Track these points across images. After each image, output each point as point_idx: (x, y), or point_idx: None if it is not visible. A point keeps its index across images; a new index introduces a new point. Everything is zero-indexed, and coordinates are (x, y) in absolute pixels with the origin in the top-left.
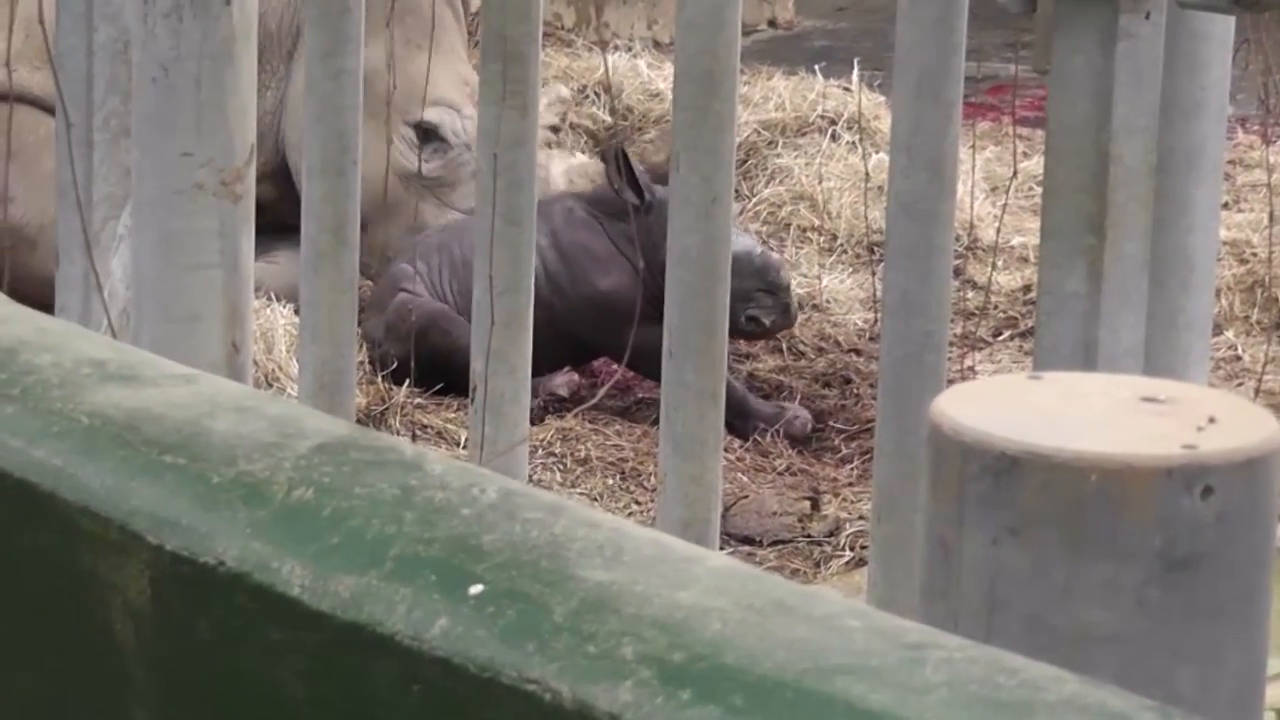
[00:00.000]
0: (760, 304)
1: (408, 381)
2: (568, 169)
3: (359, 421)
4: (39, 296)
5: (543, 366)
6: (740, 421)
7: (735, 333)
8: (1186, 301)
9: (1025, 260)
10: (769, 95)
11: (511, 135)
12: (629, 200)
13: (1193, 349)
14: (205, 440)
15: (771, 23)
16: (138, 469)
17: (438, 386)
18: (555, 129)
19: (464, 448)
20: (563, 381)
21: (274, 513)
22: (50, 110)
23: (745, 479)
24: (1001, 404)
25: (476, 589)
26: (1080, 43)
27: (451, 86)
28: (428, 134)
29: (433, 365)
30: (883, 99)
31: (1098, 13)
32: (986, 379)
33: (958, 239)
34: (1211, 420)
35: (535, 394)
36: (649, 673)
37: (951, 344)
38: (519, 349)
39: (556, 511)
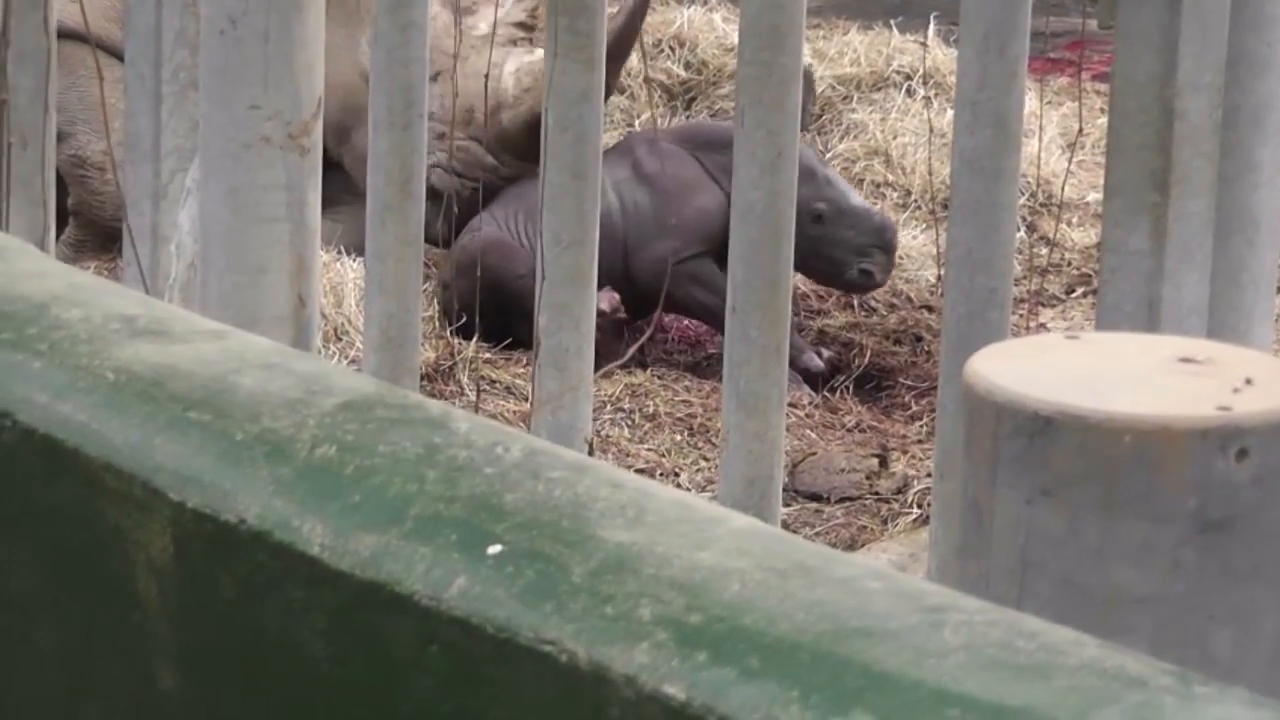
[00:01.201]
0: (874, 259)
1: (475, 336)
2: (518, 67)
3: (426, 377)
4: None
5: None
6: None
7: (842, 283)
8: (1251, 259)
9: (1099, 217)
10: (844, 50)
11: (577, 89)
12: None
13: (1257, 307)
14: (230, 397)
15: None
16: (162, 425)
17: (506, 341)
18: (524, 25)
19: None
20: (603, 295)
21: (296, 470)
22: (94, 44)
23: (814, 435)
24: (1037, 364)
25: (495, 549)
26: None
27: None
28: None
29: (495, 295)
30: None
31: None
32: (1022, 338)
33: (1032, 195)
34: (1249, 381)
35: None
36: (665, 634)
37: (1024, 300)
38: (583, 303)
39: (581, 471)
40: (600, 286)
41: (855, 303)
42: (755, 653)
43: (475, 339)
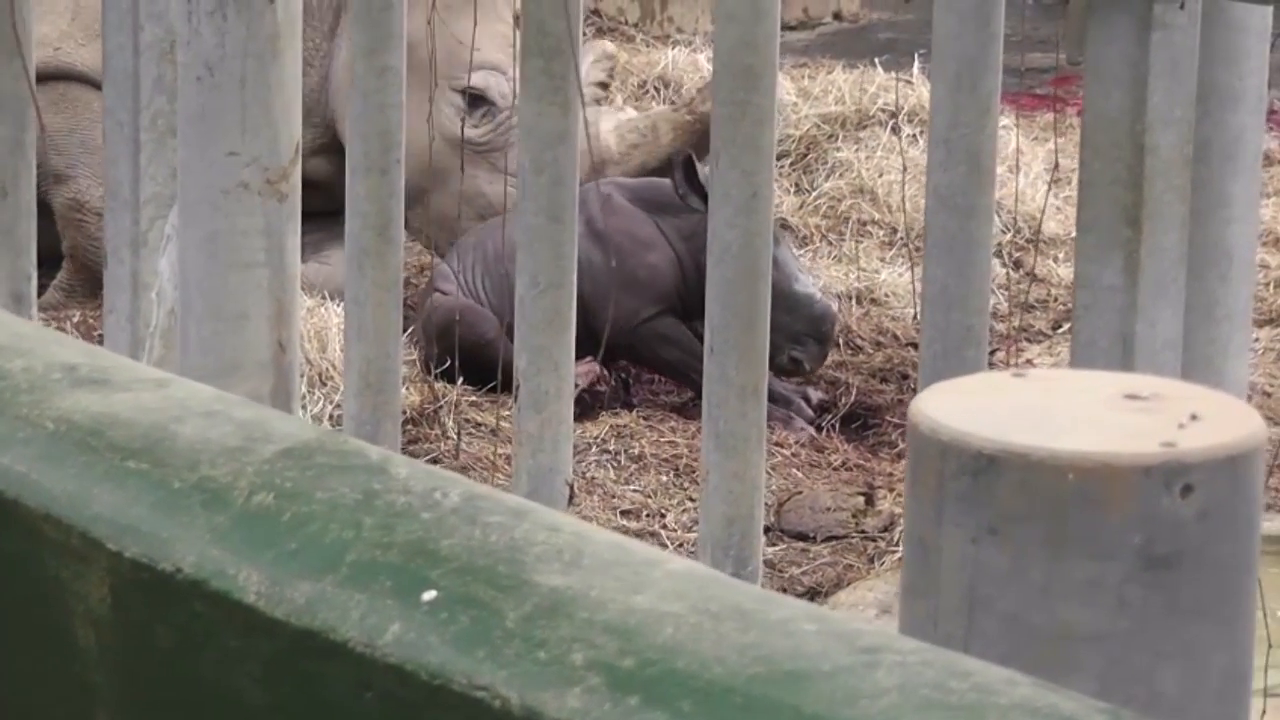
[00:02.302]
0: (806, 349)
1: (460, 380)
2: (617, 125)
3: (411, 420)
4: None
5: None
6: None
7: (771, 366)
8: (1225, 294)
9: None
10: (829, 89)
11: (553, 132)
12: (694, 207)
13: (1231, 341)
14: (169, 445)
15: (837, 15)
16: (100, 475)
17: (491, 384)
18: (603, 85)
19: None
20: (582, 371)
21: (233, 518)
22: (100, 86)
23: (800, 474)
24: (982, 402)
25: (430, 595)
26: (1115, 33)
27: (495, 48)
28: (475, 99)
29: (462, 361)
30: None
31: (1132, 3)
32: (969, 376)
33: (1018, 231)
34: (1194, 417)
35: None
36: (598, 679)
37: (1010, 337)
38: (562, 346)
39: (519, 515)
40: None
41: (841, 341)
42: (687, 696)
43: (459, 383)
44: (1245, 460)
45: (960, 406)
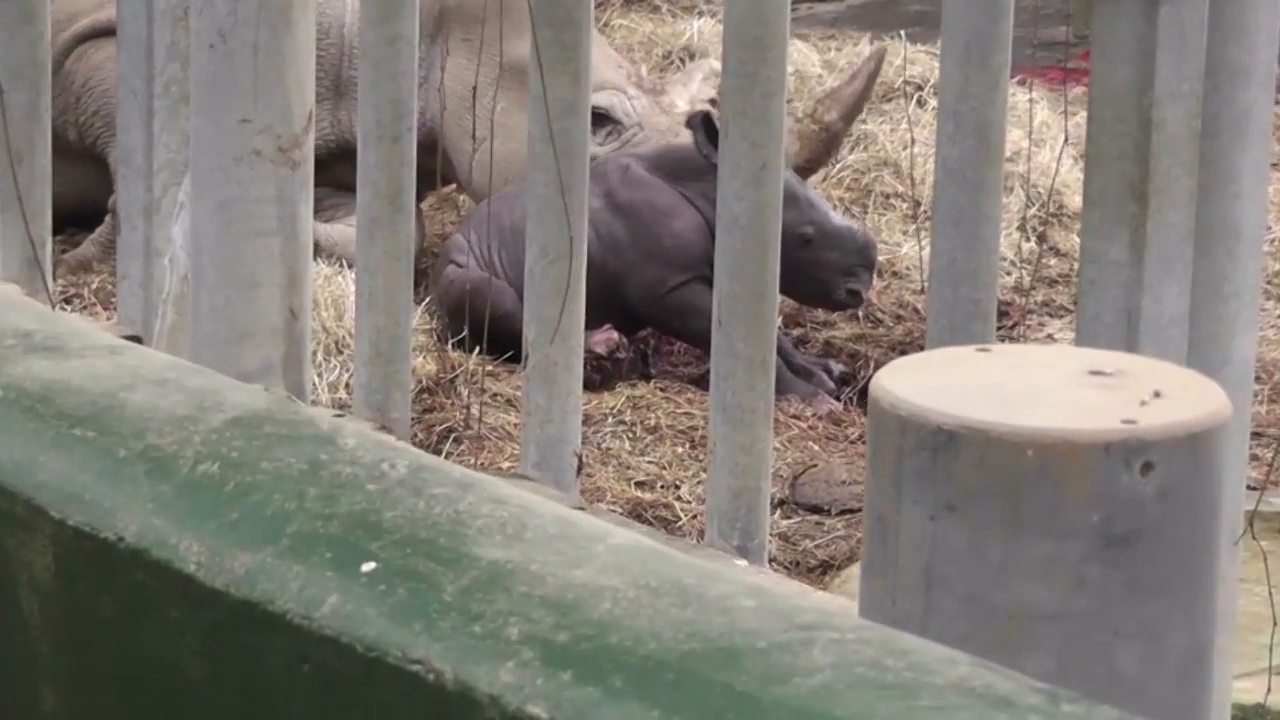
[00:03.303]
0: (860, 279)
1: (477, 349)
2: None
3: (426, 390)
4: None
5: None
6: (777, 396)
7: (830, 303)
8: (1233, 269)
9: None
10: (854, 61)
11: (563, 102)
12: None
13: (1239, 317)
14: (118, 413)
15: None
16: (47, 442)
17: (508, 354)
18: (713, 102)
19: None
20: (601, 339)
21: (177, 487)
22: None
23: (816, 447)
24: (944, 377)
25: (369, 566)
26: (1122, 7)
27: (610, 69)
28: (600, 118)
29: (478, 334)
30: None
31: None
32: (933, 351)
33: (1042, 205)
34: (1157, 394)
35: None
36: (532, 654)
37: (1031, 311)
38: (571, 316)
39: (465, 488)
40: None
41: (861, 315)
42: (619, 672)
43: (476, 352)
44: (1207, 438)
45: (921, 382)
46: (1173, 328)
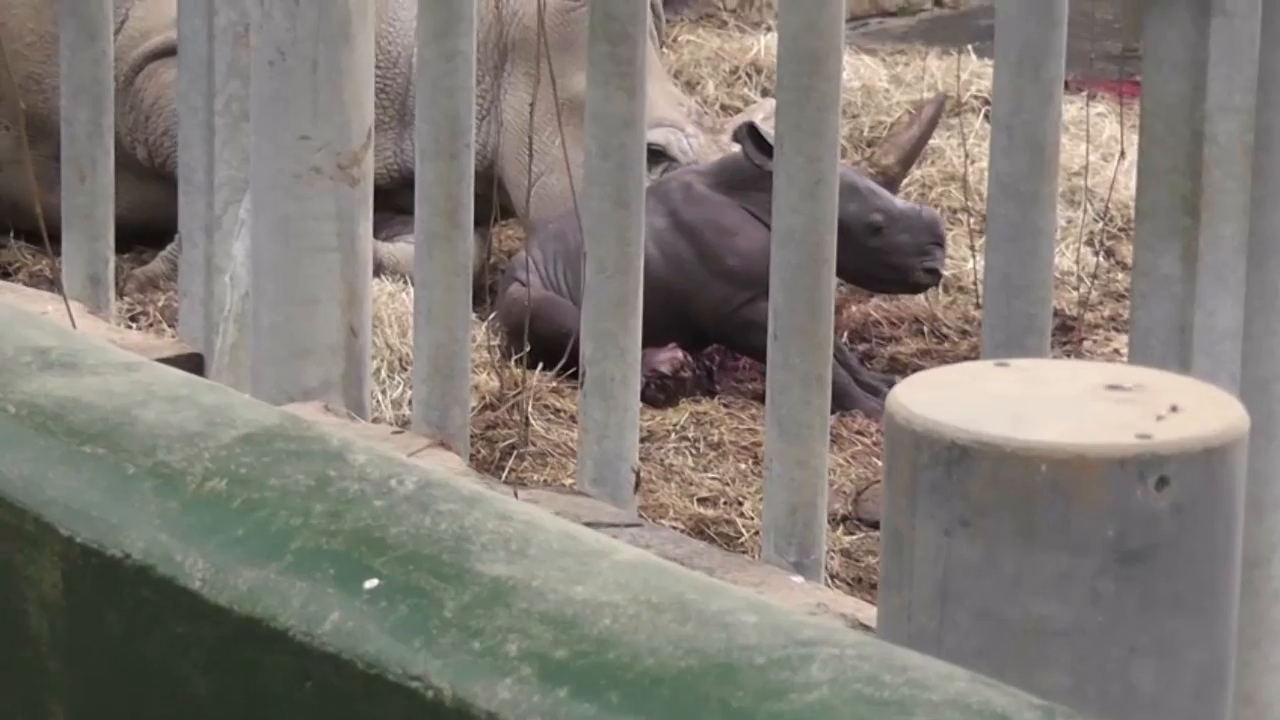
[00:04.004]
0: (934, 256)
1: (540, 365)
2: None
3: (489, 406)
4: None
5: (654, 347)
6: (841, 411)
7: (909, 286)
8: None
9: None
10: (921, 75)
11: (619, 117)
12: (769, 168)
13: None
14: (129, 430)
15: (938, 2)
16: (56, 459)
17: (570, 371)
18: None
19: None
20: (666, 358)
21: (184, 504)
22: None
23: (880, 463)
24: (961, 392)
25: (372, 583)
26: (1173, 19)
27: (669, 106)
28: (656, 155)
29: (542, 351)
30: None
31: None
32: (952, 366)
33: (1110, 219)
34: (1174, 409)
35: None
36: (530, 670)
37: (1099, 326)
38: (628, 332)
39: (472, 504)
40: (648, 343)
41: (926, 330)
42: (616, 688)
43: (539, 369)
44: (1223, 453)
45: (937, 396)
46: (1225, 342)
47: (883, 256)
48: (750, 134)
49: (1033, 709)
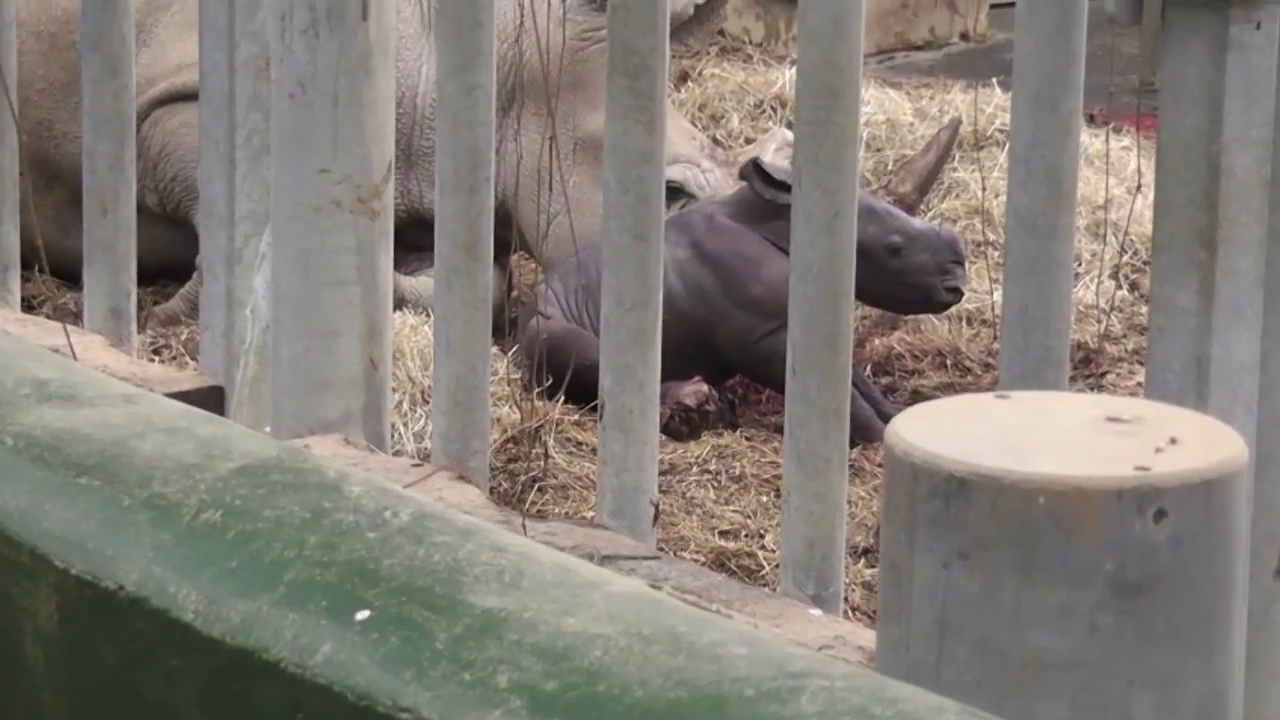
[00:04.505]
0: (955, 275)
1: (560, 398)
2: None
3: (512, 439)
4: None
5: (678, 379)
6: (864, 444)
7: (933, 305)
8: None
9: None
10: (946, 109)
11: (639, 150)
12: (784, 200)
13: None
14: (125, 462)
15: (964, 35)
16: (53, 491)
17: (593, 404)
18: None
19: None
20: (690, 391)
21: (178, 535)
22: None
23: None
24: (960, 425)
25: (363, 615)
26: (1189, 54)
27: (685, 142)
28: (673, 192)
29: (569, 386)
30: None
31: (1207, 23)
32: (952, 398)
33: (1135, 253)
34: (1173, 441)
35: (661, 401)
36: (519, 702)
37: (1122, 360)
38: (647, 365)
39: (466, 535)
40: (672, 375)
41: (949, 363)
42: None
43: (560, 402)
44: (1222, 485)
45: (936, 429)
46: (1243, 375)
47: (904, 277)
48: (756, 170)
49: None
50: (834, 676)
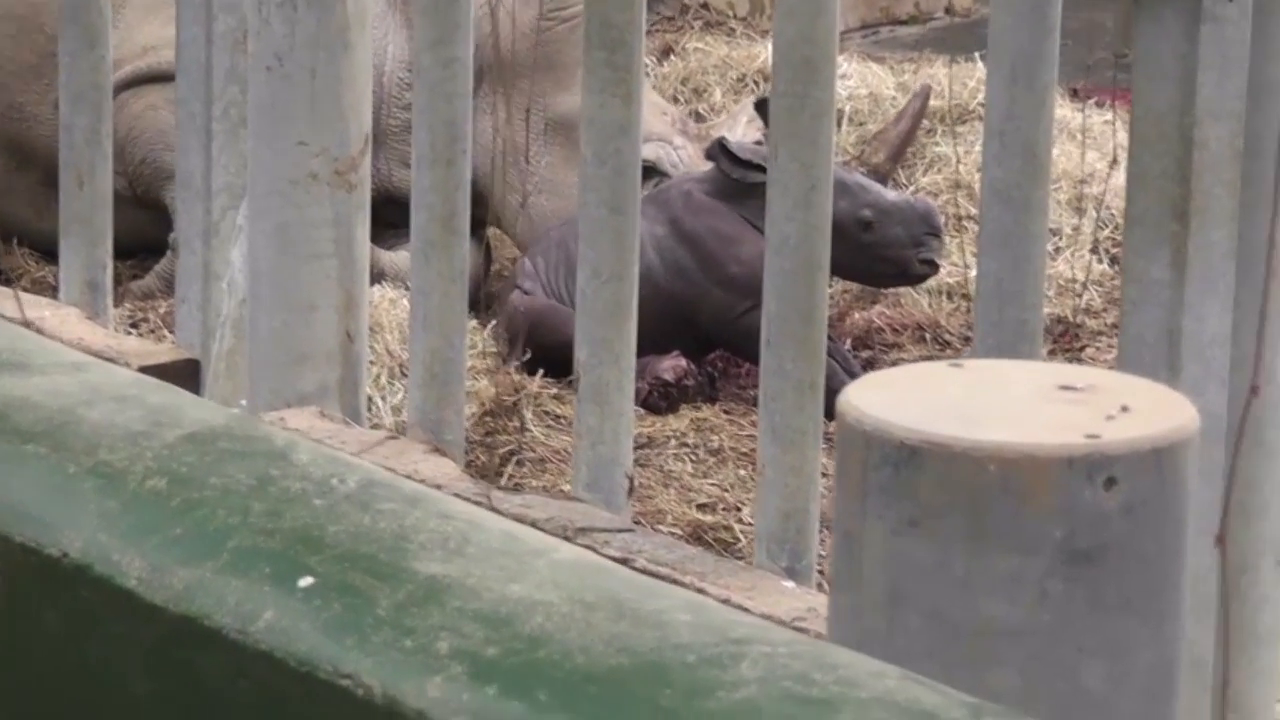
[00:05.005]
0: (930, 246)
1: (540, 371)
2: None
3: (489, 412)
4: None
5: (657, 354)
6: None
7: (908, 278)
8: (1276, 289)
9: None
10: (928, 83)
11: (615, 123)
12: (753, 179)
13: None
14: (73, 429)
15: (949, 10)
16: None
17: (570, 377)
18: (759, 144)
19: None
20: (669, 365)
21: (124, 503)
22: None
23: None
24: (913, 393)
25: (306, 581)
26: (1163, 26)
27: (657, 119)
28: (647, 170)
29: (544, 359)
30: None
31: None
32: (904, 367)
33: (1115, 227)
34: (1124, 409)
35: (640, 376)
36: (460, 668)
37: (1101, 334)
38: (623, 338)
39: (413, 503)
40: (651, 350)
41: (928, 337)
42: (545, 686)
43: (540, 374)
44: (1172, 453)
45: (889, 397)
46: (1214, 348)
47: (878, 251)
48: (723, 151)
49: (960, 706)
50: (776, 643)
